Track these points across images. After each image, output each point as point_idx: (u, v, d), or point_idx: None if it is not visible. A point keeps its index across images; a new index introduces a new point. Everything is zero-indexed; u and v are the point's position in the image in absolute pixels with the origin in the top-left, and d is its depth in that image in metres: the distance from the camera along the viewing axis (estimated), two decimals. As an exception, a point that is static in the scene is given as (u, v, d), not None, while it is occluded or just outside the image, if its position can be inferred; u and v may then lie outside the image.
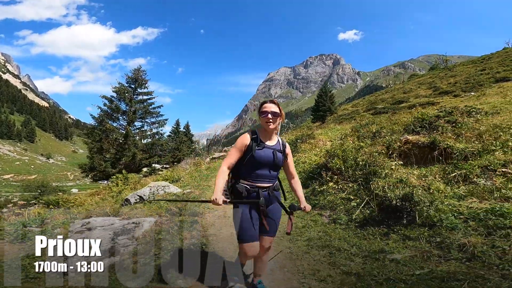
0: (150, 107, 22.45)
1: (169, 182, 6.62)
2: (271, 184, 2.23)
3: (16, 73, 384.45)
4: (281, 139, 2.35)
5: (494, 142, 3.57)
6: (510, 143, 3.48)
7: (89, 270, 2.34)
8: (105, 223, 3.43)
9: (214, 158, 12.98)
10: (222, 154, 17.09)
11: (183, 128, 40.80)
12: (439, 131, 4.22)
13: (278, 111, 2.18)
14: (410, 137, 4.20)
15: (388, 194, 3.41)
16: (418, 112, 5.40)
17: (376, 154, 4.15)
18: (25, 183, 56.77)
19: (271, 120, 2.15)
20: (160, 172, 10.24)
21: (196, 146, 45.80)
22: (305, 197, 5.63)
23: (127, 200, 5.18)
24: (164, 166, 17.88)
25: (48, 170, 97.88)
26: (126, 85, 21.95)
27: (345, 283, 2.49)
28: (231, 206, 2.26)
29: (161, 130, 23.55)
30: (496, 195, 2.99)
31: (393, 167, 4.03)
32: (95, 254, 2.37)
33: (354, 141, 5.29)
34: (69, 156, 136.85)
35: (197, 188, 6.53)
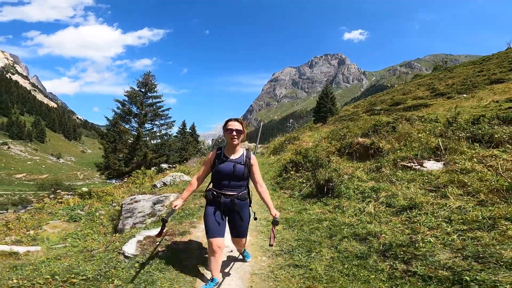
0: (159, 110, 23.87)
1: (183, 173, 8.12)
2: (234, 193, 2.55)
3: (24, 74, 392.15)
4: (246, 152, 2.66)
5: (403, 143, 4.75)
6: (414, 144, 4.71)
7: (142, 225, 3.68)
8: (145, 197, 4.83)
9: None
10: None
11: (189, 129, 42.32)
12: (380, 135, 5.44)
13: (241, 129, 2.53)
14: (360, 140, 5.42)
15: (320, 177, 4.99)
16: (373, 119, 6.79)
17: (325, 152, 5.85)
18: (39, 182, 59.06)
19: (235, 137, 2.50)
20: (167, 171, 11.65)
21: (202, 146, 47.32)
22: (278, 182, 7.12)
23: (154, 185, 6.78)
24: (170, 166, 19.18)
25: (58, 169, 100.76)
26: (137, 89, 23.40)
27: (282, 223, 4.23)
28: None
29: (169, 131, 25.05)
30: (385, 179, 4.41)
31: (334, 161, 5.62)
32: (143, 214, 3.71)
33: (325, 142, 6.70)
34: (78, 156, 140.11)
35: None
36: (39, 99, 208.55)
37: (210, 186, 2.67)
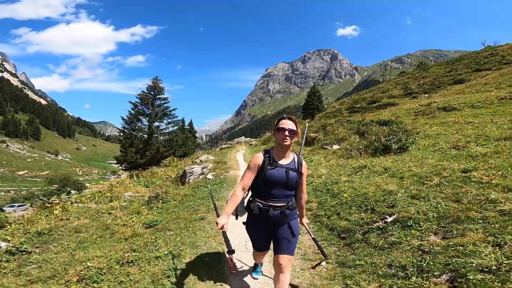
0: (167, 110, 27.34)
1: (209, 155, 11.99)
2: (284, 204, 2.20)
3: (13, 71, 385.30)
4: (297, 157, 2.30)
5: (329, 136, 8.46)
6: (331, 136, 8.34)
7: (199, 178, 7.39)
8: (196, 166, 8.52)
9: (223, 148, 18.18)
10: (227, 145, 22.42)
11: (188, 125, 45.74)
12: (325, 131, 9.15)
13: (295, 129, 2.15)
14: (312, 134, 9.10)
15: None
16: (322, 122, 10.57)
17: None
18: (44, 178, 61.80)
19: (288, 138, 2.12)
20: (194, 156, 15.39)
21: (200, 141, 50.62)
22: None
23: (200, 160, 10.61)
24: (180, 158, 22.70)
25: (58, 166, 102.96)
26: (147, 92, 26.79)
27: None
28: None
29: (175, 128, 28.63)
30: (314, 153, 7.88)
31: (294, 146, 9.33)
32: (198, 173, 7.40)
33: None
34: (74, 153, 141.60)
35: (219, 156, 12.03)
36: (30, 97, 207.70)
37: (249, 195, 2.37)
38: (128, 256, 2.97)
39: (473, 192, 2.99)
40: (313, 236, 2.50)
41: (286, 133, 2.11)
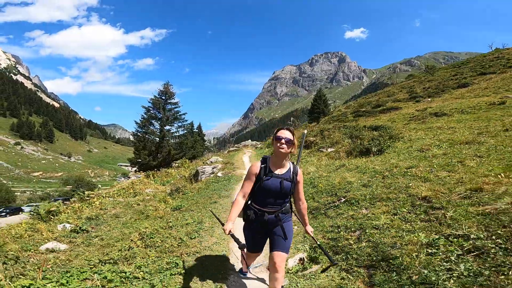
0: (178, 114, 28.59)
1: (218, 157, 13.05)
2: (278, 209, 2.37)
3: (26, 74, 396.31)
4: (294, 166, 2.41)
5: (325, 140, 9.35)
6: (327, 140, 9.19)
7: (209, 176, 8.41)
8: (207, 166, 9.55)
9: (231, 150, 19.24)
10: (235, 148, 23.49)
11: (196, 129, 47.09)
12: (323, 135, 10.05)
13: (292, 139, 2.27)
14: (311, 138, 10.00)
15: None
16: (320, 127, 11.48)
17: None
18: (60, 178, 64.16)
19: (283, 146, 2.24)
20: (204, 158, 16.44)
21: (208, 144, 51.98)
22: None
23: (205, 163, 11.60)
24: (191, 160, 23.75)
25: (71, 168, 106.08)
26: (158, 96, 28.12)
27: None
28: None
29: (185, 132, 29.88)
30: (311, 155, 8.73)
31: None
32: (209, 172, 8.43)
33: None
34: (85, 155, 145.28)
35: (227, 158, 13.14)
36: (44, 99, 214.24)
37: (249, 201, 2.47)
38: (167, 224, 4.05)
39: (401, 182, 4.12)
40: (318, 243, 2.58)
41: (283, 141, 2.25)
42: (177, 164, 16.37)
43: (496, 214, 2.38)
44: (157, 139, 26.48)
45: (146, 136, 25.83)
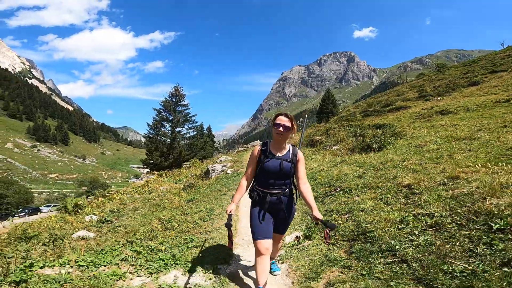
0: (188, 116, 29.26)
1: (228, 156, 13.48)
2: (280, 191, 2.47)
3: (40, 78, 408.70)
4: (293, 148, 2.54)
5: (330, 139, 9.62)
6: (333, 139, 9.45)
7: (219, 173, 8.84)
8: (217, 165, 10.01)
9: (239, 150, 19.72)
10: (244, 148, 23.96)
11: (206, 130, 47.89)
12: (328, 134, 10.33)
13: (290, 126, 2.40)
14: (316, 137, 10.30)
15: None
16: (325, 127, 11.76)
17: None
18: (75, 180, 66.16)
19: (281, 132, 2.37)
20: (214, 157, 16.93)
21: (218, 145, 52.54)
22: None
23: (215, 162, 12.07)
24: (189, 166, 24.27)
25: (86, 170, 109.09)
26: (169, 99, 28.86)
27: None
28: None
29: (195, 133, 30.54)
30: (316, 153, 9.05)
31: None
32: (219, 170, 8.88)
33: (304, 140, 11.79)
34: (99, 157, 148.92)
35: (236, 157, 13.56)
36: (58, 103, 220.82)
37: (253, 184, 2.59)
38: (182, 212, 4.54)
39: (391, 173, 4.52)
40: (328, 226, 2.37)
41: (281, 128, 2.37)
42: (188, 165, 16.93)
43: (462, 196, 2.76)
44: (169, 140, 27.21)
45: (158, 137, 26.59)
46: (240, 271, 3.03)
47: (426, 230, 2.60)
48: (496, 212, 2.34)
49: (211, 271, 2.91)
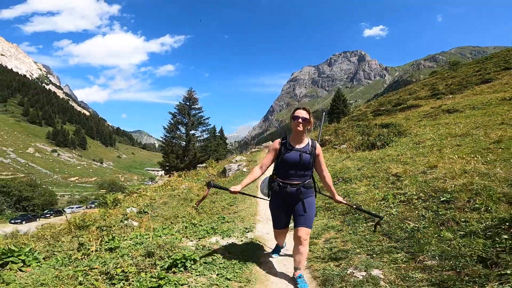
0: (201, 118, 30.31)
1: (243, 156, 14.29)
2: (300, 182, 2.56)
3: (57, 84, 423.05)
4: (312, 141, 2.65)
5: (338, 138, 10.18)
6: (341, 138, 10.01)
7: (236, 172, 9.63)
8: (233, 164, 10.80)
9: (253, 151, 20.53)
10: (257, 149, 24.74)
11: (218, 132, 48.97)
12: (337, 134, 10.89)
13: (308, 118, 2.54)
14: (326, 137, 10.90)
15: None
16: (335, 127, 12.33)
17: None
18: (95, 183, 68.87)
19: (300, 124, 2.51)
20: (229, 158, 17.80)
21: (230, 147, 53.40)
22: None
23: (231, 162, 12.88)
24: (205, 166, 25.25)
25: (104, 173, 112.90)
26: (183, 102, 30.00)
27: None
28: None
29: (208, 135, 31.59)
30: (325, 152, 9.67)
31: None
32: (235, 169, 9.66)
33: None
34: (115, 161, 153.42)
35: (250, 157, 14.34)
36: (75, 108, 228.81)
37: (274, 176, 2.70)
38: (210, 201, 5.39)
39: (385, 165, 5.15)
40: (355, 206, 3.05)
41: (300, 120, 2.50)
42: (204, 165, 17.81)
43: (431, 180, 3.53)
44: (184, 143, 28.35)
45: (174, 140, 27.82)
46: (261, 235, 3.94)
47: (399, 204, 3.47)
48: (448, 190, 3.18)
49: (241, 235, 3.84)
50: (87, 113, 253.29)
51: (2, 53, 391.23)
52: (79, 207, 39.96)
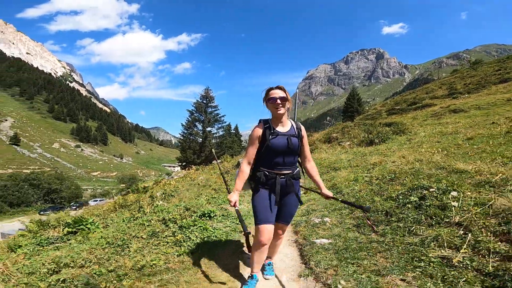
0: (217, 116, 31.55)
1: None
2: (290, 171, 2.26)
3: (80, 81, 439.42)
4: (295, 123, 2.34)
5: (344, 135, 10.84)
6: (347, 135, 10.65)
7: None
8: None
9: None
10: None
11: (233, 130, 50.19)
12: (343, 132, 11.54)
13: (286, 96, 2.20)
14: (333, 135, 11.57)
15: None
16: (342, 125, 12.94)
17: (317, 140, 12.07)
18: (115, 177, 72.20)
19: (280, 105, 2.17)
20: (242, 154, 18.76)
21: (245, 144, 54.70)
22: None
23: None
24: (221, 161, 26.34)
25: (123, 168, 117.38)
26: (200, 100, 31.33)
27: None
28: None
29: (224, 132, 32.82)
30: (332, 149, 10.40)
31: (318, 143, 11.60)
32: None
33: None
34: (134, 156, 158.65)
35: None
36: (97, 105, 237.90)
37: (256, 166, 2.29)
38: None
39: (374, 158, 5.76)
40: (341, 200, 2.36)
41: (278, 101, 2.16)
42: (220, 160, 18.89)
43: (395, 167, 4.34)
44: (200, 139, 29.73)
45: (191, 137, 29.25)
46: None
47: (364, 183, 4.35)
48: (396, 172, 4.16)
49: (248, 204, 4.82)
50: (108, 110, 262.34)
51: (28, 51, 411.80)
52: (102, 199, 42.48)
